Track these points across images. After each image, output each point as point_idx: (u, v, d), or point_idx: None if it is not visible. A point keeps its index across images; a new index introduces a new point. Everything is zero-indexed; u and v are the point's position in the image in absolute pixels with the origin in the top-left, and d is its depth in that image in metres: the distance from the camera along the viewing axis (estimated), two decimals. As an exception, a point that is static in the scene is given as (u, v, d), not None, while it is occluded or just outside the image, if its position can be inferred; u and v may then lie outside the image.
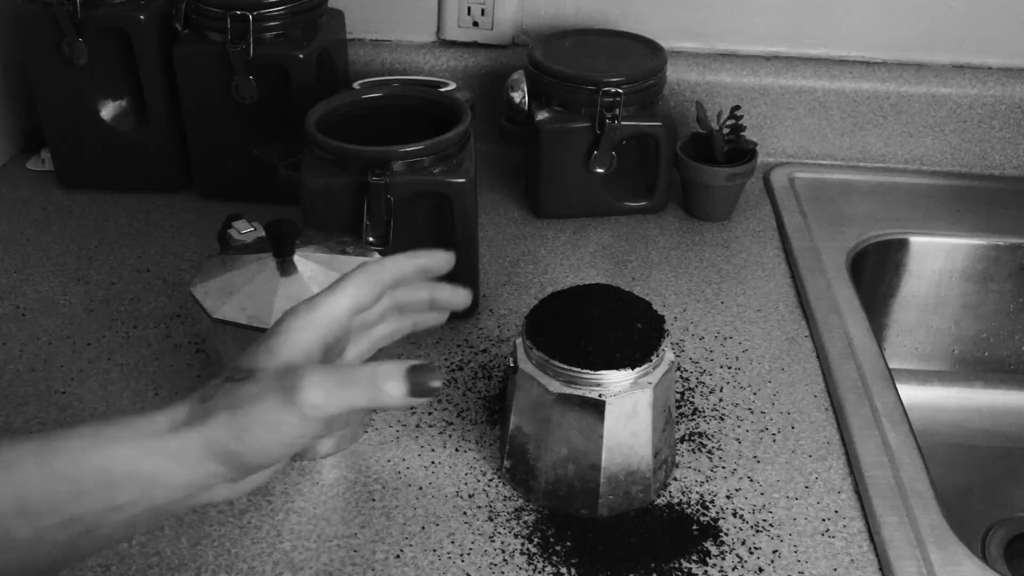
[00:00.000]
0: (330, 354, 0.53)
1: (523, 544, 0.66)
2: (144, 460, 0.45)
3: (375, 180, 0.77)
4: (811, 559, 0.66)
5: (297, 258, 0.69)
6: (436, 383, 0.47)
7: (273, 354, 0.49)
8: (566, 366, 0.64)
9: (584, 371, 0.63)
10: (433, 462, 0.73)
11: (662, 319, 0.67)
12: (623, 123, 0.97)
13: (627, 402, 0.64)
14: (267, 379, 0.47)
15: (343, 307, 0.51)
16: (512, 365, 0.68)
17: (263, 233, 0.73)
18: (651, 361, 0.65)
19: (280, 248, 0.69)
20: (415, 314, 0.60)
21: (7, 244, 0.98)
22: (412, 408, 0.77)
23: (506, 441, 0.70)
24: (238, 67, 0.95)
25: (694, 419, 0.78)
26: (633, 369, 0.64)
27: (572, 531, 0.67)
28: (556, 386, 0.64)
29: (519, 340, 0.68)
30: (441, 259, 0.57)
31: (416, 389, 0.47)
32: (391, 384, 0.47)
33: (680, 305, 0.91)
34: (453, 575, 0.64)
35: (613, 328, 0.65)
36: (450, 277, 0.85)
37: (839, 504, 0.70)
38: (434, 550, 0.65)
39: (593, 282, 0.72)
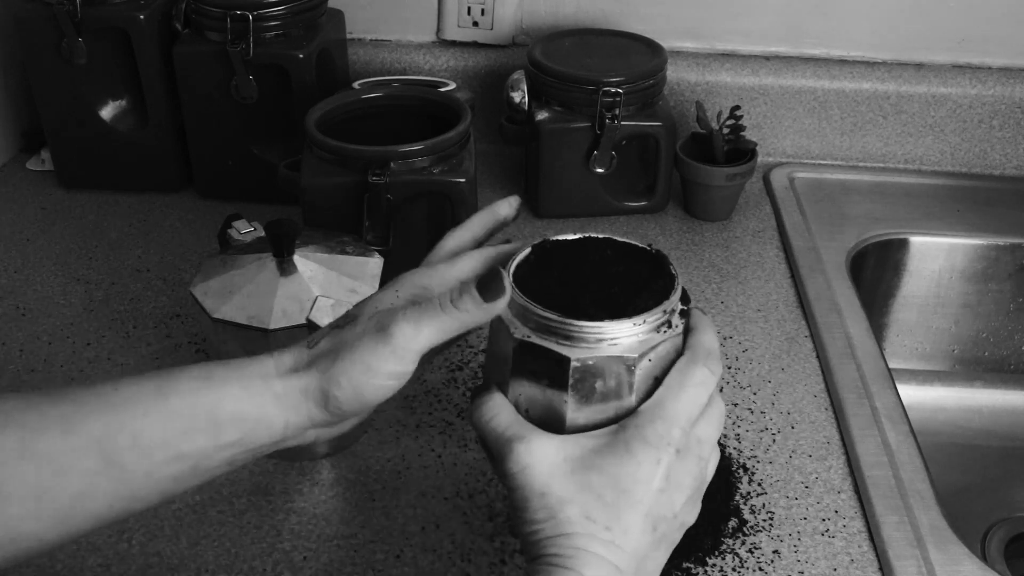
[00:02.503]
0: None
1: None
2: (249, 402, 0.49)
3: (375, 180, 0.77)
4: (811, 559, 0.66)
5: (297, 258, 0.69)
6: (504, 284, 0.49)
7: (376, 299, 0.52)
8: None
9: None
10: (433, 462, 0.73)
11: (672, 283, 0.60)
12: (623, 123, 0.97)
13: None
14: (365, 322, 0.50)
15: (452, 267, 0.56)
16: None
17: (263, 233, 0.73)
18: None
19: (280, 248, 0.69)
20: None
21: (7, 244, 0.98)
22: (411, 408, 0.77)
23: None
24: (238, 67, 0.95)
25: (694, 419, 0.77)
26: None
27: (572, 531, 0.67)
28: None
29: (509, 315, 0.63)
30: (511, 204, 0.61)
31: (489, 296, 0.49)
32: (464, 300, 0.49)
33: (680, 305, 0.91)
34: (453, 575, 0.64)
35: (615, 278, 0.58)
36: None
37: (839, 504, 0.70)
38: (434, 550, 0.65)
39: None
